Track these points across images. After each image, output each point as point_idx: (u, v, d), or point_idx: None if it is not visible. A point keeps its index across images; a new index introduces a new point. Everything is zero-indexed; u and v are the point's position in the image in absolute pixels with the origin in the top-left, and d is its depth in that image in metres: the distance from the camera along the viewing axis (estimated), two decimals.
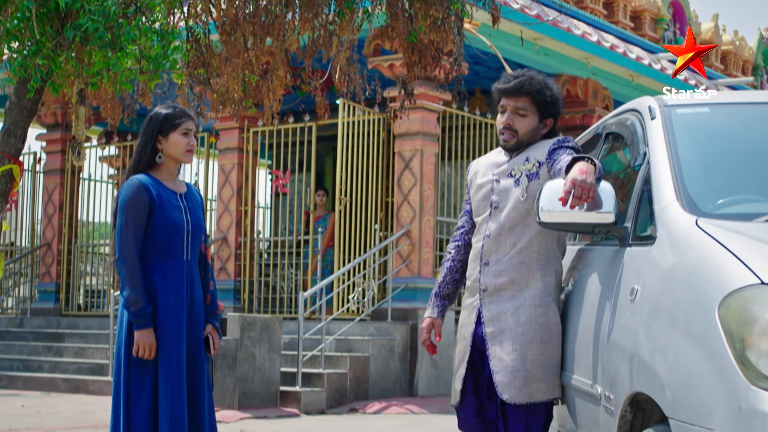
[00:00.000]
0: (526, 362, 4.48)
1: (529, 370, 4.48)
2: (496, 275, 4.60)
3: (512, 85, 4.69)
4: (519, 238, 4.57)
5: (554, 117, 4.77)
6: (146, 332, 4.83)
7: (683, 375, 3.20)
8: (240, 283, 16.09)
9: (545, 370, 4.50)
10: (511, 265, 4.57)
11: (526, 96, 4.66)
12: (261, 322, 12.59)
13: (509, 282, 4.56)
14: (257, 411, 12.08)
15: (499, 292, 4.59)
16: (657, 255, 3.60)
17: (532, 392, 4.48)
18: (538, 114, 4.70)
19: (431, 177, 14.68)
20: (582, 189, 4.01)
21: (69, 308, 17.91)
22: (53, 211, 17.96)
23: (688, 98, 4.54)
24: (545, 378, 4.50)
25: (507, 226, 4.60)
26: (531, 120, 4.68)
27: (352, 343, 13.92)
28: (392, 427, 11.25)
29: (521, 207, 4.58)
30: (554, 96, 4.72)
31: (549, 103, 4.69)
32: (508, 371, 4.50)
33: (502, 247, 4.60)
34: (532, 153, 4.65)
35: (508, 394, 4.50)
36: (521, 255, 4.56)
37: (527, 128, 4.68)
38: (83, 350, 15.83)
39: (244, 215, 16.19)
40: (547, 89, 4.67)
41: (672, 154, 3.94)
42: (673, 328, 3.32)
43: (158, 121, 5.02)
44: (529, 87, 4.65)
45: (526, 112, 4.67)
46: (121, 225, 4.89)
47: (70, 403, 13.18)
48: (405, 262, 14.51)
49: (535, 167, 4.59)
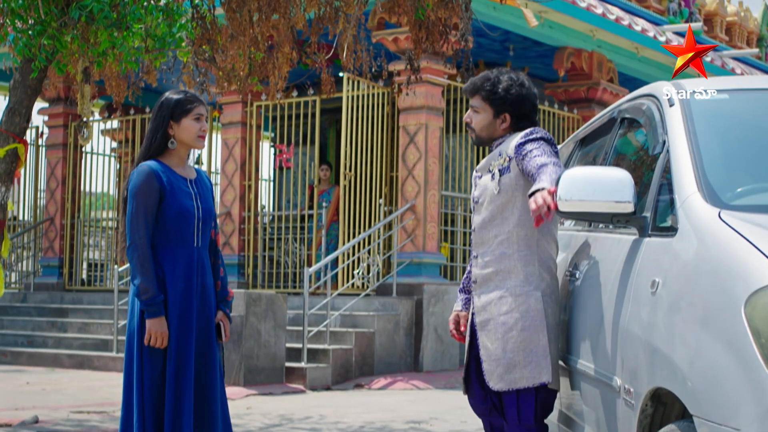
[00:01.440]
0: (507, 350, 4.64)
1: (510, 358, 4.64)
2: (483, 267, 4.78)
3: (467, 84, 4.94)
4: (499, 230, 4.73)
5: (511, 112, 4.84)
6: (158, 321, 4.77)
7: (708, 372, 3.15)
8: (244, 257, 16.05)
9: (528, 356, 4.62)
10: (495, 256, 4.73)
11: (477, 94, 4.87)
12: (266, 298, 12.55)
13: (494, 273, 4.73)
14: (263, 387, 12.07)
15: (486, 284, 4.77)
16: (679, 248, 3.54)
17: (514, 379, 4.63)
18: (492, 110, 4.85)
19: (436, 151, 14.61)
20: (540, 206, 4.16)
21: (72, 283, 17.88)
22: (56, 186, 17.91)
23: (706, 84, 4.47)
24: (528, 364, 4.62)
25: (488, 219, 4.77)
26: (484, 116, 4.87)
27: (357, 318, 13.89)
28: (398, 403, 11.23)
29: (497, 200, 4.73)
30: (507, 92, 4.82)
31: (500, 99, 4.82)
32: (492, 359, 4.70)
33: (486, 240, 4.78)
34: (504, 147, 4.79)
35: (492, 382, 4.70)
36: (502, 246, 4.71)
37: (481, 124, 4.89)
38: (87, 326, 15.80)
39: (247, 190, 16.13)
40: (498, 86, 4.81)
41: (692, 144, 3.88)
42: (696, 324, 3.26)
43: (170, 106, 4.95)
44: (480, 85, 4.86)
45: (479, 108, 4.88)
46: (131, 212, 4.83)
47: (74, 379, 13.17)
48: (410, 237, 14.47)
49: (506, 161, 4.72)
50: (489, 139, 4.89)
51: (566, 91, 17.26)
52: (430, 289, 14.15)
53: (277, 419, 9.79)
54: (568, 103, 17.41)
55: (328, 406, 10.95)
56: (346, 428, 9.26)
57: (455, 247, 15.50)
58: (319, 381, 12.76)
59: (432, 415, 10.10)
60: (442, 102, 14.71)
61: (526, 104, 4.85)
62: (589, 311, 4.42)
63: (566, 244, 5.15)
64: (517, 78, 4.86)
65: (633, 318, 3.75)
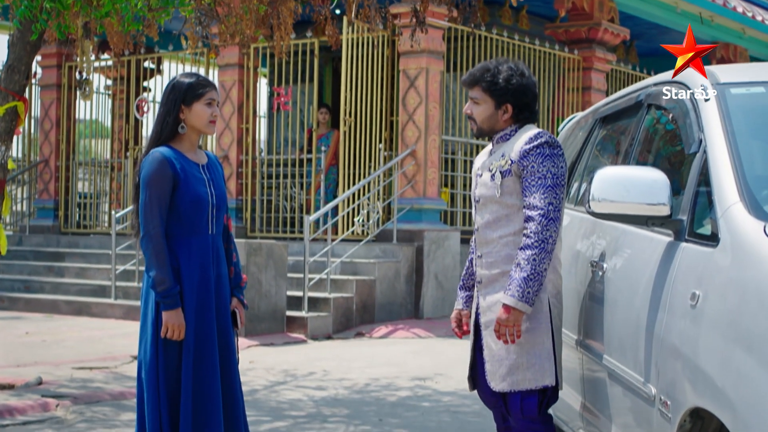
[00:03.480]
0: (511, 351, 4.61)
1: (514, 359, 4.61)
2: (489, 267, 4.72)
3: (466, 76, 4.85)
4: (504, 231, 4.67)
5: (513, 102, 4.76)
6: (174, 313, 4.65)
7: (755, 399, 3.05)
8: (242, 201, 15.92)
9: (533, 358, 4.60)
10: (501, 257, 4.68)
11: (477, 85, 4.78)
12: (266, 248, 12.45)
13: (500, 274, 4.67)
14: (264, 338, 12.02)
15: (492, 284, 4.71)
16: (721, 262, 3.42)
17: (516, 380, 4.62)
18: (493, 101, 4.77)
19: (437, 96, 14.44)
20: (507, 329, 4.48)
21: (68, 226, 17.76)
22: (50, 127, 17.71)
23: (740, 74, 4.32)
24: (532, 366, 4.60)
25: (491, 219, 4.72)
26: (485, 107, 4.78)
27: (358, 266, 13.81)
28: (401, 355, 11.19)
29: (500, 202, 4.68)
30: (508, 82, 4.73)
31: (501, 89, 4.73)
32: (495, 360, 4.68)
33: (491, 241, 4.72)
34: (507, 149, 4.71)
35: (494, 383, 4.69)
36: (508, 248, 4.66)
37: (482, 115, 4.79)
38: (84, 271, 15.71)
39: (245, 133, 15.96)
40: (498, 76, 4.73)
41: (732, 147, 3.73)
42: (743, 349, 3.15)
43: (181, 90, 4.79)
44: (479, 76, 4.77)
45: (479, 100, 4.79)
46: (144, 201, 4.68)
47: (73, 328, 13.09)
48: (410, 182, 14.34)
49: (508, 164, 4.65)
50: (491, 130, 4.81)
51: (567, 31, 17.04)
52: (431, 235, 14.05)
53: (281, 376, 9.73)
54: (569, 44, 17.20)
55: (330, 359, 10.89)
56: (352, 386, 9.21)
57: (455, 192, 15.38)
58: (320, 330, 12.71)
59: (436, 370, 10.05)
60: (443, 45, 14.50)
61: (527, 94, 4.77)
62: (619, 309, 4.31)
63: (590, 229, 5.03)
64: (517, 68, 4.78)
65: (670, 328, 3.64)
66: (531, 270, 4.46)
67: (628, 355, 4.09)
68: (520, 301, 4.46)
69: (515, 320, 4.49)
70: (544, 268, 4.49)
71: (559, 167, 4.59)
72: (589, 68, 17.24)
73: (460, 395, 8.71)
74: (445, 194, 15.15)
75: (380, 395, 8.79)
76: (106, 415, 7.73)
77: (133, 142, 17.56)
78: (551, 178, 4.55)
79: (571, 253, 5.24)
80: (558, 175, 4.58)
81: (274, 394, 8.82)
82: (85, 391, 8.51)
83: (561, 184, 4.58)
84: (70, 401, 8.06)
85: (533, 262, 4.47)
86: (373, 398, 8.63)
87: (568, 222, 5.51)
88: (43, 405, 7.87)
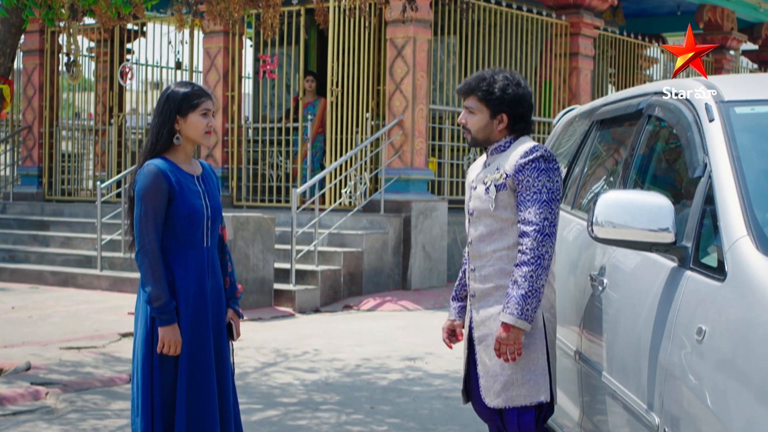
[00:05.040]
0: (506, 367, 4.59)
1: (509, 375, 4.59)
2: (482, 281, 4.69)
3: (462, 85, 4.80)
4: (498, 245, 4.63)
5: (508, 112, 4.70)
6: (171, 329, 4.60)
7: None
8: (228, 170, 15.84)
9: (527, 375, 4.58)
10: (494, 271, 4.64)
11: (473, 94, 4.73)
12: (254, 222, 12.39)
13: (494, 288, 4.64)
14: (252, 312, 11.98)
15: (486, 298, 4.68)
16: (728, 299, 3.38)
17: (511, 397, 4.60)
18: (488, 110, 4.71)
19: (424, 65, 14.34)
20: (507, 347, 4.45)
21: (53, 193, 17.64)
22: (33, 93, 17.53)
23: (745, 89, 4.26)
24: (527, 382, 4.58)
25: (485, 233, 4.67)
26: (480, 117, 4.73)
27: (345, 237, 13.77)
28: (390, 331, 11.19)
29: (494, 216, 4.64)
30: (504, 92, 4.69)
31: (496, 99, 4.68)
32: (489, 376, 4.65)
33: (484, 254, 4.68)
34: (502, 162, 4.66)
35: (488, 399, 4.67)
36: (502, 261, 4.63)
37: (477, 125, 4.73)
38: (70, 240, 15.62)
39: (231, 101, 15.83)
40: (494, 85, 4.68)
41: (738, 176, 3.68)
42: (751, 396, 3.11)
43: (177, 100, 4.70)
44: (475, 85, 4.73)
45: (474, 109, 4.73)
46: (139, 215, 4.61)
47: (60, 300, 13.04)
48: (398, 152, 14.27)
49: (503, 178, 4.61)
50: (485, 141, 4.76)
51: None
52: (419, 206, 14.01)
53: (271, 356, 9.71)
54: (556, 9, 17.09)
55: (319, 336, 10.87)
56: (342, 368, 9.20)
57: (443, 161, 15.32)
58: (308, 303, 12.69)
59: (426, 349, 10.04)
60: (431, 14, 14.38)
61: (522, 104, 4.72)
62: (620, 330, 4.27)
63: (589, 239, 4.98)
64: (513, 77, 4.73)
65: (675, 360, 3.61)
66: (529, 287, 4.44)
67: (631, 378, 4.06)
68: (519, 319, 4.44)
69: (515, 338, 4.46)
70: (541, 284, 4.47)
71: (555, 182, 4.55)
72: (577, 34, 17.15)
73: (451, 378, 8.71)
74: (433, 164, 15.09)
75: (371, 378, 8.78)
76: (97, 405, 7.69)
77: (117, 109, 17.41)
78: (546, 193, 4.52)
79: (569, 261, 5.21)
80: (553, 189, 4.54)
81: (265, 378, 8.80)
82: (75, 377, 8.46)
83: (556, 199, 4.55)
84: (60, 389, 8.02)
85: (530, 279, 4.44)
86: (364, 382, 8.62)
87: (566, 227, 5.47)
88: (33, 393, 7.83)
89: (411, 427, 7.21)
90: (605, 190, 5.06)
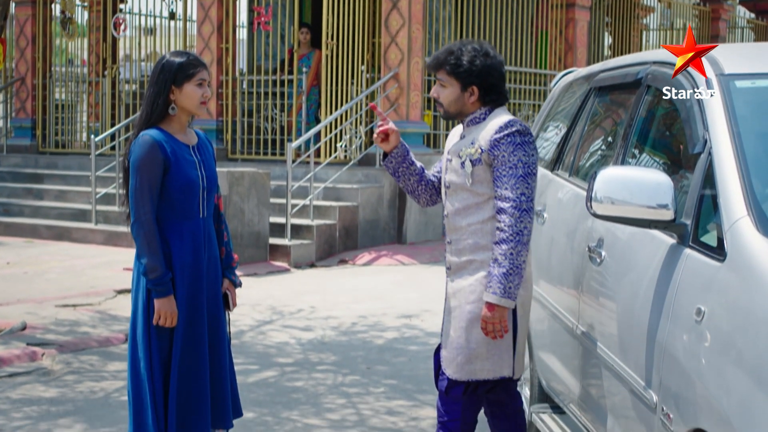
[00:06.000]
0: (470, 341, 4.59)
1: (473, 349, 4.59)
2: (458, 254, 4.68)
3: (431, 59, 4.79)
4: (472, 219, 4.62)
5: (479, 84, 4.66)
6: (167, 300, 4.58)
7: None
8: (222, 123, 15.76)
9: (492, 349, 4.58)
10: (468, 245, 4.63)
11: (442, 68, 4.70)
12: (249, 177, 12.35)
13: (468, 262, 4.64)
14: (247, 267, 11.97)
15: (459, 271, 4.68)
16: (727, 281, 3.36)
17: (474, 370, 4.61)
18: (458, 83, 4.67)
19: (420, 17, 14.24)
20: (494, 326, 4.45)
21: (46, 145, 17.55)
22: (26, 44, 17.37)
23: (745, 62, 4.21)
24: (491, 357, 4.59)
25: (461, 207, 4.66)
26: (451, 90, 4.69)
27: (341, 191, 13.73)
28: (385, 287, 11.21)
29: (470, 190, 4.62)
30: (472, 63, 4.64)
31: (465, 71, 4.64)
32: (453, 348, 4.66)
33: (459, 228, 4.67)
34: (478, 136, 4.62)
35: (450, 370, 4.66)
36: (475, 236, 4.61)
37: (449, 98, 4.70)
38: (64, 193, 15.57)
39: (225, 53, 15.72)
40: (462, 58, 4.64)
41: (738, 154, 3.64)
42: (750, 378, 3.10)
43: (172, 70, 4.64)
44: (443, 59, 4.69)
45: (445, 83, 4.70)
46: (135, 187, 4.57)
47: (55, 255, 13.02)
48: (393, 106, 14.21)
49: (478, 153, 4.58)
50: (459, 113, 4.72)
51: None
52: None
53: (267, 313, 9.71)
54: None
55: (315, 292, 10.87)
56: (338, 326, 9.21)
57: (438, 114, 15.23)
58: (303, 258, 12.68)
59: (422, 305, 10.05)
60: None
61: (492, 74, 4.67)
62: (619, 306, 4.26)
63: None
64: (482, 48, 4.68)
65: (673, 339, 3.59)
66: (510, 265, 4.43)
67: (629, 355, 4.05)
68: (503, 297, 4.44)
69: (501, 317, 4.46)
70: (522, 260, 4.46)
71: (531, 155, 4.52)
72: None
73: None
74: (428, 117, 15.03)
75: (367, 337, 8.79)
76: (93, 366, 7.70)
77: (110, 61, 17.30)
78: (522, 168, 4.48)
79: (566, 230, 5.18)
80: (529, 164, 4.50)
81: (261, 336, 8.80)
82: (71, 337, 8.46)
83: (533, 173, 4.51)
84: (57, 350, 8.01)
85: (510, 256, 4.43)
86: (360, 341, 8.63)
87: (563, 194, 5.44)
88: (29, 355, 7.82)
89: (408, 388, 7.23)
90: (604, 162, 5.04)
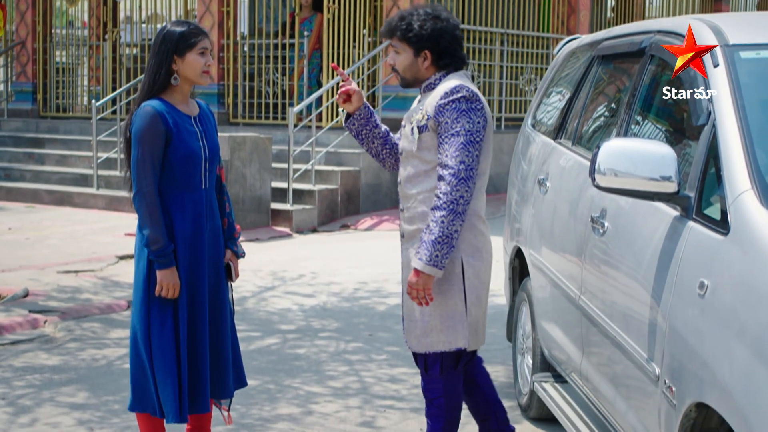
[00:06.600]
0: (424, 313, 4.58)
1: (427, 321, 4.59)
2: (409, 222, 4.65)
3: (383, 26, 4.73)
4: (422, 186, 4.58)
5: (430, 48, 4.59)
6: (169, 272, 4.56)
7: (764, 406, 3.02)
8: (223, 87, 15.71)
9: (446, 321, 4.57)
10: (418, 213, 4.59)
11: (394, 34, 4.64)
12: (251, 141, 12.32)
13: (418, 230, 4.58)
14: (249, 233, 11.97)
15: (411, 240, 4.64)
16: (731, 255, 3.34)
17: (430, 342, 4.60)
18: (411, 49, 4.60)
19: None
20: (418, 292, 4.43)
21: (47, 109, 17.51)
22: (26, 8, 17.28)
23: (751, 32, 4.18)
24: (446, 329, 4.57)
25: (411, 174, 4.62)
26: (405, 56, 4.62)
27: (343, 156, 13.70)
28: (386, 252, 11.13)
29: (418, 157, 4.57)
30: (422, 27, 4.58)
31: (416, 36, 4.57)
32: (410, 320, 4.66)
33: (410, 195, 4.63)
34: (426, 102, 4.56)
35: (410, 342, 4.69)
36: (424, 204, 4.56)
37: (403, 64, 4.63)
38: (65, 158, 15.55)
39: (226, 16, 15.65)
40: (414, 23, 4.58)
41: (743, 126, 3.61)
42: (753, 352, 3.09)
43: (173, 40, 4.60)
44: (395, 25, 4.64)
45: (399, 49, 4.64)
46: (136, 158, 4.55)
47: (56, 220, 13.02)
48: None
49: (425, 119, 4.51)
50: (415, 80, 4.64)
51: None
52: None
53: (269, 279, 9.71)
54: None
55: (317, 258, 10.87)
56: (340, 292, 9.22)
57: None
58: (305, 223, 12.67)
59: None
60: None
61: (444, 37, 4.60)
62: (621, 276, 4.24)
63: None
64: (433, 11, 4.62)
65: (677, 313, 3.58)
66: (440, 233, 4.38)
67: (632, 327, 4.04)
68: (428, 265, 4.39)
69: (425, 284, 4.43)
70: (454, 229, 4.39)
71: (475, 123, 4.44)
72: None
73: None
74: None
75: (369, 303, 8.80)
76: (96, 333, 7.71)
77: (111, 24, 17.22)
78: (465, 135, 4.41)
79: (569, 199, 5.16)
80: (473, 131, 4.43)
81: (264, 303, 8.81)
82: (73, 304, 8.47)
83: (476, 141, 4.43)
84: (59, 317, 8.02)
85: (442, 224, 4.38)
86: (362, 307, 8.64)
87: (566, 163, 5.42)
88: (31, 322, 7.83)
89: (409, 355, 7.20)
90: (607, 132, 5.01)
